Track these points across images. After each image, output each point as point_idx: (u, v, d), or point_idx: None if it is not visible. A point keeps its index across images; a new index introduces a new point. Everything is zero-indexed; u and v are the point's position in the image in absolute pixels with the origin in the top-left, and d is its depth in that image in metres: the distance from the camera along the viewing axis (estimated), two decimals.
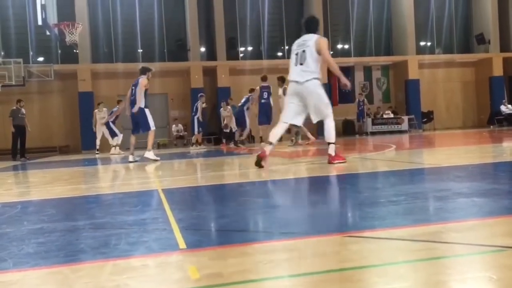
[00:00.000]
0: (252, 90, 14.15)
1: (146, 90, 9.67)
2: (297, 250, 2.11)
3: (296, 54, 6.22)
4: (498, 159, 6.47)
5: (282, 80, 14.03)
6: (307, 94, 6.11)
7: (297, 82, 6.15)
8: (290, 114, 6.31)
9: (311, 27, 6.41)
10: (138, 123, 9.69)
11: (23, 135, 15.06)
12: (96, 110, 16.55)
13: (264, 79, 13.41)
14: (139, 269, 1.95)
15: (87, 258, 2.13)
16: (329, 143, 6.20)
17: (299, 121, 6.40)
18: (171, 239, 2.37)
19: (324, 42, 6.17)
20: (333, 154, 6.12)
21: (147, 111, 9.59)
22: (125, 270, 1.93)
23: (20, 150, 15.06)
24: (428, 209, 2.96)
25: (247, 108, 14.08)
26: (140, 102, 9.50)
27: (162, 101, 20.58)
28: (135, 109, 9.46)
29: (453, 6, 24.77)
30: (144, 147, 10.12)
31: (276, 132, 6.30)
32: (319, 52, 6.09)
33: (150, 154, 9.43)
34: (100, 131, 16.21)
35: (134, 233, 2.58)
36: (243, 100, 14.36)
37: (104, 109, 16.23)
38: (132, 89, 9.75)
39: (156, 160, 9.31)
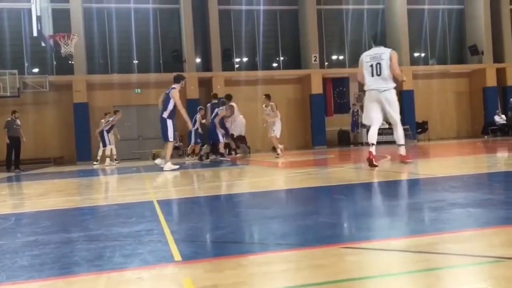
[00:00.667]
0: (215, 96, 14.16)
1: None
2: (293, 261, 2.10)
3: (371, 66, 7.05)
4: (493, 169, 6.49)
5: (269, 98, 13.97)
6: (385, 101, 6.99)
7: (378, 90, 6.99)
8: (373, 117, 7.10)
9: (381, 40, 7.49)
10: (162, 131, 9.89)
11: (18, 147, 14.93)
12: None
13: (214, 96, 13.41)
14: (134, 281, 1.93)
15: (81, 271, 2.11)
16: (399, 145, 7.15)
17: (379, 122, 7.21)
18: (166, 251, 2.35)
19: (396, 55, 7.10)
20: (404, 154, 7.11)
21: (169, 122, 9.74)
22: (119, 283, 1.91)
23: (15, 162, 14.89)
24: (424, 219, 2.95)
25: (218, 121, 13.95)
26: (167, 112, 9.73)
27: (157, 112, 20.52)
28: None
29: (446, 17, 25.00)
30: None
31: (374, 133, 7.13)
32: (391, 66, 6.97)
33: (167, 165, 9.51)
34: None
35: (129, 245, 2.56)
36: (214, 113, 14.17)
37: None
38: (165, 96, 9.86)
39: (174, 170, 9.43)
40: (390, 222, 2.81)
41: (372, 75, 7.02)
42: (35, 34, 12.55)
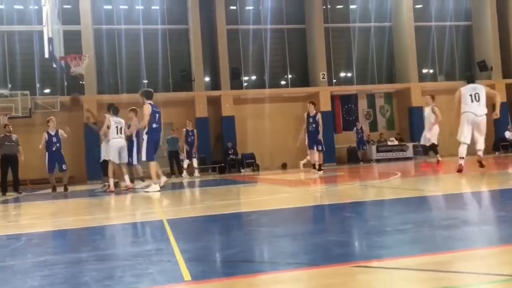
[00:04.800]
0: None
1: None
2: (303, 281, 2.08)
3: (470, 95, 8.53)
4: (504, 185, 6.42)
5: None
6: (480, 124, 8.65)
7: (475, 114, 8.54)
8: (468, 137, 8.78)
9: (474, 79, 9.28)
10: None
11: (14, 166, 12.96)
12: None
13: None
14: None
15: None
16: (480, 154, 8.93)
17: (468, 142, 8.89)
18: (176, 271, 2.35)
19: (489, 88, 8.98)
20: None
21: None
22: None
23: (13, 183, 13.00)
24: (436, 237, 2.92)
25: None
26: None
27: (166, 131, 20.69)
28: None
29: (454, 33, 25.02)
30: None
31: (463, 151, 8.97)
32: (487, 95, 8.71)
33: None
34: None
35: (139, 264, 2.56)
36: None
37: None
38: None
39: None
40: (401, 240, 2.78)
41: (472, 101, 8.45)
42: (46, 55, 12.71)
